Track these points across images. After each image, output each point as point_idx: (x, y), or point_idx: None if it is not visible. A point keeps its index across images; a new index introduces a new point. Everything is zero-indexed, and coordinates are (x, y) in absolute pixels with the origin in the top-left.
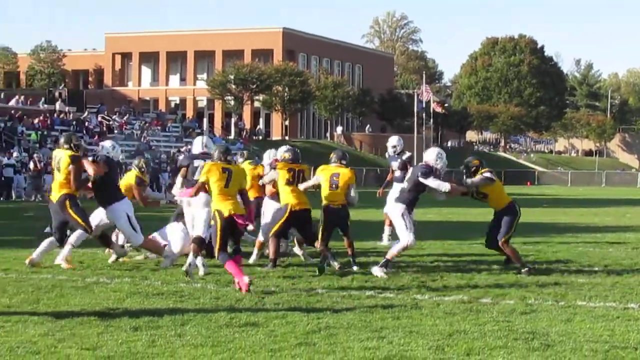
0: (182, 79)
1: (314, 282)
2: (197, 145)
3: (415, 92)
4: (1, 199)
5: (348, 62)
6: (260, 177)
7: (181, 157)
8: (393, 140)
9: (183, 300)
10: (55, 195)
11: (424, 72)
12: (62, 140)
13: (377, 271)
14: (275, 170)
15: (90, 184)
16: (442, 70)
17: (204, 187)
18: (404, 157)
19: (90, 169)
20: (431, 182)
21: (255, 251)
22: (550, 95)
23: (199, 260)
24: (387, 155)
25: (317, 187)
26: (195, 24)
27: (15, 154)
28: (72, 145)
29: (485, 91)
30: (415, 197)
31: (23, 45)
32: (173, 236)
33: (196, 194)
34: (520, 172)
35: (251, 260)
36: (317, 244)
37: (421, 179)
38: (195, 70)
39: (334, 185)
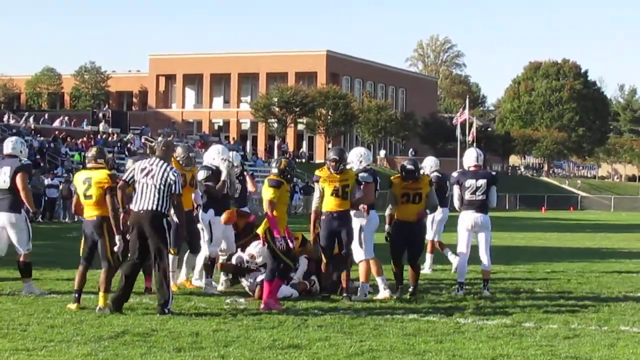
0: (226, 101)
1: (356, 305)
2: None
3: (455, 116)
4: (45, 219)
5: (391, 85)
6: None
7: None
8: (431, 161)
9: (226, 322)
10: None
11: (468, 96)
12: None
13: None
14: None
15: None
16: (485, 94)
17: None
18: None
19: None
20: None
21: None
22: (593, 119)
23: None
24: None
25: None
26: (239, 46)
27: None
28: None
29: (528, 115)
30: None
31: (67, 66)
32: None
33: None
34: (563, 197)
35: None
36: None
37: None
38: (239, 93)
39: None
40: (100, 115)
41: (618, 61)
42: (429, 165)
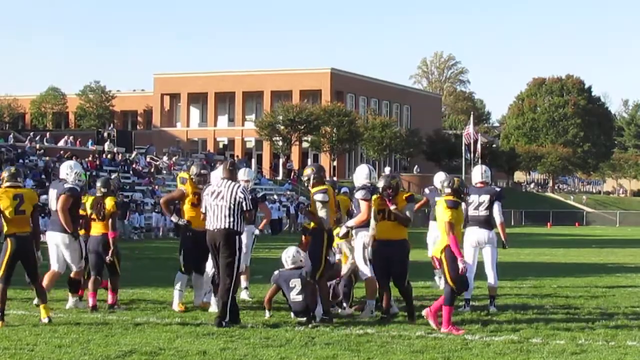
0: (231, 120)
1: (364, 322)
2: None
3: (463, 134)
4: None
5: (396, 102)
6: None
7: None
8: (442, 176)
9: (233, 340)
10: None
11: (472, 112)
12: None
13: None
14: None
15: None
16: (490, 110)
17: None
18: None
19: None
20: None
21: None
22: (597, 135)
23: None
24: (426, 192)
25: None
26: (243, 65)
27: None
28: None
29: (532, 132)
30: None
31: (72, 86)
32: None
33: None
34: (569, 213)
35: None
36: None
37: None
38: (243, 111)
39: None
40: (105, 134)
41: (622, 76)
42: (439, 180)
